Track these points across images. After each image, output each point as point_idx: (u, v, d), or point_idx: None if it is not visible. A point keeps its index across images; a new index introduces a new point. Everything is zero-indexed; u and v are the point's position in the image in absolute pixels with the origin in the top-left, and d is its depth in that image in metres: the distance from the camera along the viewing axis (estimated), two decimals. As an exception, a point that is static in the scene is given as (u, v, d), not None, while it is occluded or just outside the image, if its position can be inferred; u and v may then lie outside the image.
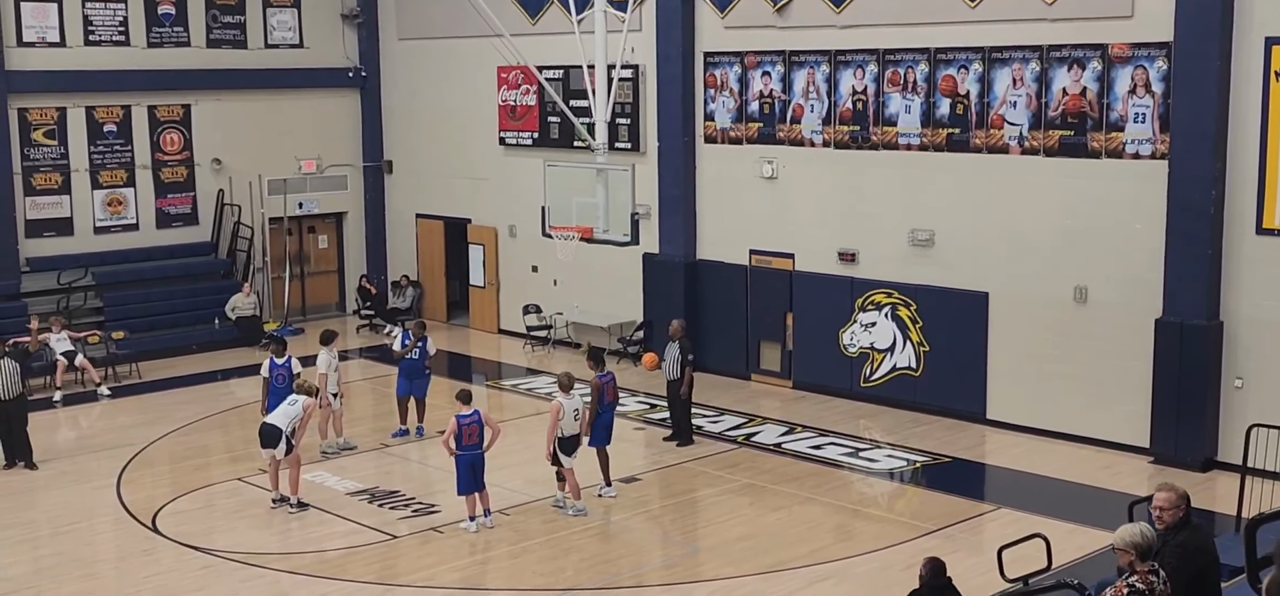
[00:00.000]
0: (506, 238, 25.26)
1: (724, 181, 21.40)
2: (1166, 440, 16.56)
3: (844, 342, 20.01)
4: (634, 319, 22.90)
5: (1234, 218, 16.05)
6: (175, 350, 23.77)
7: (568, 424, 14.94)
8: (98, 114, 24.32)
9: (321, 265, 27.74)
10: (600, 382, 15.76)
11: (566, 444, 14.98)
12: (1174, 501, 8.90)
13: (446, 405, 16.24)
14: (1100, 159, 17.07)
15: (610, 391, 15.87)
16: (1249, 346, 16.14)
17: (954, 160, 18.51)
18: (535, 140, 24.14)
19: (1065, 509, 14.83)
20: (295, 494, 15.34)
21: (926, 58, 18.66)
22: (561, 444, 14.95)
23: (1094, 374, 17.37)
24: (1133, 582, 8.21)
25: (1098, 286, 17.27)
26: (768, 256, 21.00)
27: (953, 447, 17.61)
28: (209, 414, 20.01)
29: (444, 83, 25.92)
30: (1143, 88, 16.61)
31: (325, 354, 17.47)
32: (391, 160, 27.50)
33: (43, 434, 17.97)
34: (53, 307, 22.89)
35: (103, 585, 13.47)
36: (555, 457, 15.02)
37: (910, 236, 19.09)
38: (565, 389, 15.08)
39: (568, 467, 15.03)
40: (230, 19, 25.59)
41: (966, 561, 12.82)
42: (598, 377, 15.79)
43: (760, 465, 17.05)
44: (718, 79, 21.24)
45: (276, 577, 13.46)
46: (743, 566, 13.50)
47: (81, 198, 24.23)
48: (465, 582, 13.30)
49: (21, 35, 23.34)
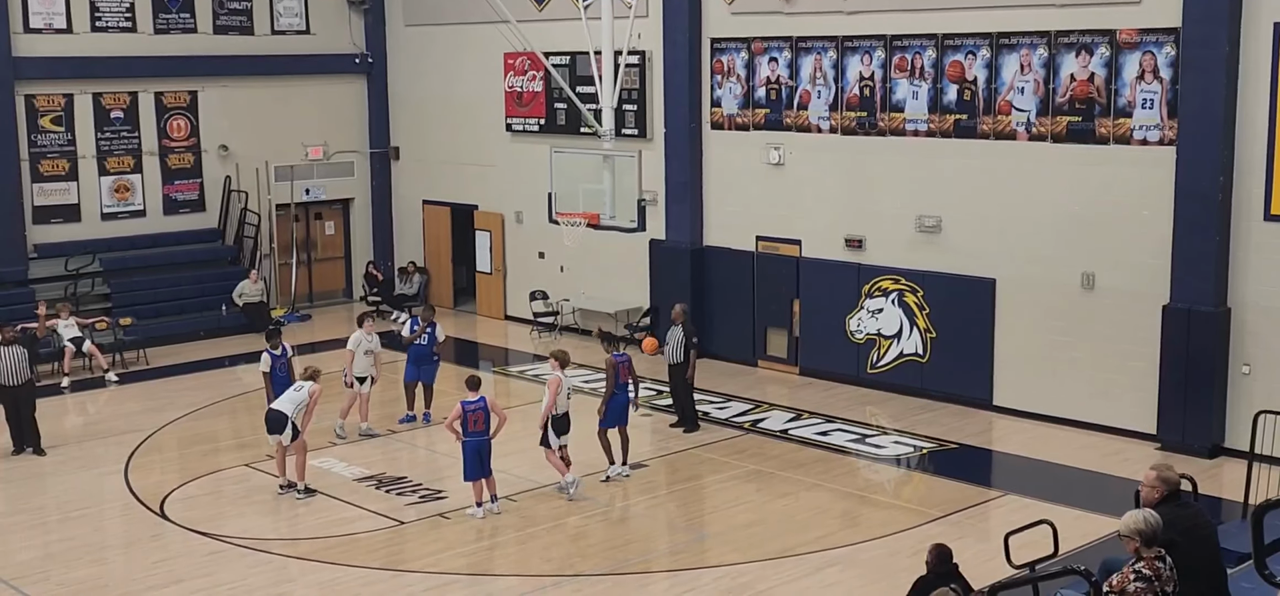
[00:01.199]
0: (513, 224, 25.26)
1: (731, 168, 21.38)
2: (1174, 426, 16.54)
3: (851, 329, 20.00)
4: (641, 305, 22.90)
5: (1242, 204, 16.01)
6: (182, 336, 23.81)
7: (562, 401, 14.92)
8: (104, 100, 24.34)
9: (328, 252, 27.77)
10: (616, 362, 15.68)
11: (560, 423, 14.95)
12: (1152, 481, 9.22)
13: (456, 391, 16.25)
14: (1108, 145, 17.04)
15: (624, 372, 15.72)
16: (1257, 333, 16.12)
17: (961, 146, 18.48)
18: (542, 126, 24.13)
19: (1072, 495, 14.82)
20: (302, 480, 15.37)
21: (934, 44, 18.63)
22: (555, 422, 14.92)
23: (1101, 360, 17.36)
24: (1139, 568, 8.21)
25: (1105, 273, 17.25)
26: (774, 243, 20.99)
27: (959, 434, 17.61)
28: (216, 400, 20.05)
29: (451, 69, 25.91)
30: (1151, 74, 16.57)
31: (356, 333, 17.59)
32: (398, 147, 27.51)
33: (51, 420, 18.01)
34: (60, 294, 22.93)
35: (111, 571, 13.52)
36: (545, 439, 14.95)
37: (917, 223, 19.07)
38: (563, 365, 15.05)
39: (561, 446, 14.99)
40: (237, 5, 25.59)
41: (973, 547, 12.84)
42: (613, 357, 15.72)
43: (767, 451, 17.06)
44: (724, 65, 21.21)
45: (284, 563, 13.50)
46: (749, 552, 13.51)
47: (88, 184, 24.27)
48: (472, 568, 13.32)
49: (28, 21, 23.36)
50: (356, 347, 17.46)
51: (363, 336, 17.57)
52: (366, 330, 17.66)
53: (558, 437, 14.95)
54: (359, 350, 17.46)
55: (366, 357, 17.50)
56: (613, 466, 15.75)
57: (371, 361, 17.61)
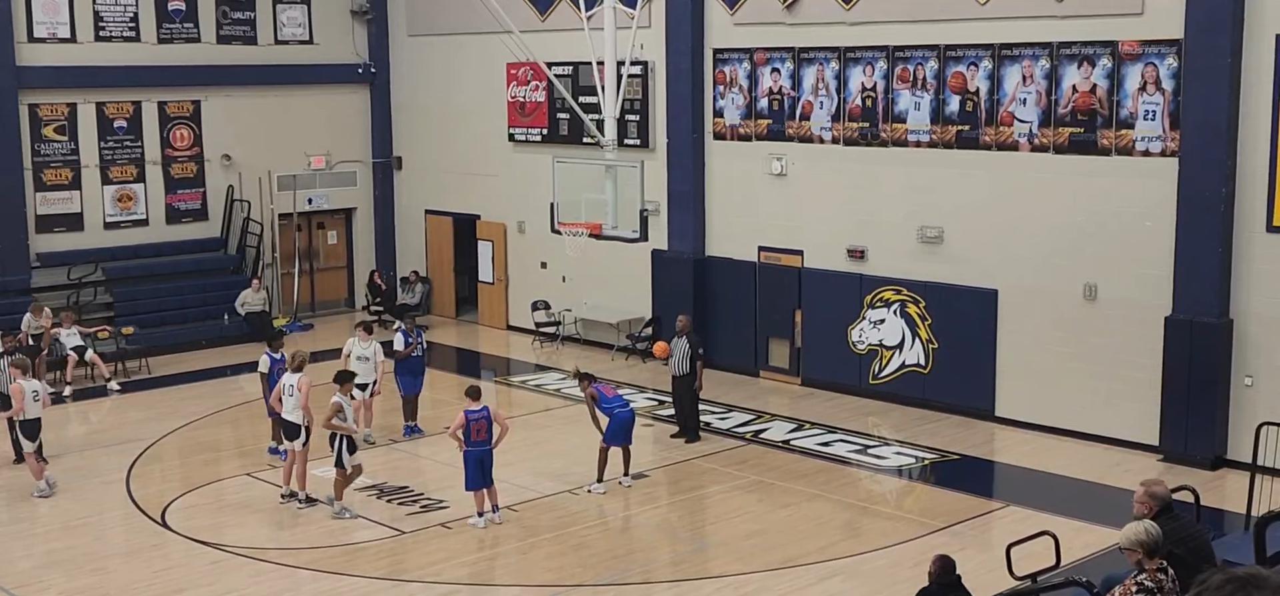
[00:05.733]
0: (515, 234, 25.27)
1: (733, 178, 21.38)
2: (1176, 438, 16.52)
3: (853, 339, 20.00)
4: (643, 315, 22.90)
5: (1244, 215, 16.01)
6: (185, 345, 23.83)
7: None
8: (108, 110, 24.37)
9: (331, 261, 27.78)
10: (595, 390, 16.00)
11: None
12: (1141, 497, 9.45)
13: (456, 401, 16.25)
14: (1110, 156, 17.04)
15: (608, 390, 16.26)
16: (1259, 344, 16.10)
17: (963, 157, 18.48)
18: (544, 136, 24.15)
19: (1074, 506, 14.81)
20: (304, 488, 15.36)
21: (936, 55, 18.64)
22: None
23: (1103, 371, 17.34)
24: (1141, 580, 8.21)
25: (1107, 283, 17.24)
26: (777, 253, 21.00)
27: (961, 445, 17.59)
28: (218, 409, 20.05)
29: (453, 79, 25.94)
30: (1153, 85, 16.57)
31: (350, 341, 17.70)
32: (401, 156, 27.53)
33: (53, 429, 17.96)
34: (63, 302, 22.94)
35: (113, 579, 13.50)
36: None
37: (919, 233, 19.06)
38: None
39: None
40: (240, 15, 25.63)
41: (975, 558, 12.80)
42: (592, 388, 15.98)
43: (769, 462, 17.05)
44: (727, 75, 21.23)
45: (285, 572, 13.48)
46: (751, 563, 13.50)
47: (92, 193, 24.29)
48: (473, 578, 13.32)
49: (32, 31, 23.40)
50: (350, 352, 17.52)
51: (355, 343, 17.61)
52: (359, 337, 17.69)
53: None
54: (351, 356, 17.50)
55: (361, 364, 17.49)
56: (598, 484, 15.75)
57: (370, 368, 17.59)
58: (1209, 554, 9.24)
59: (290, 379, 15.44)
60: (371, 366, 17.58)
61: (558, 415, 16.66)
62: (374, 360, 17.63)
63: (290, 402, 15.33)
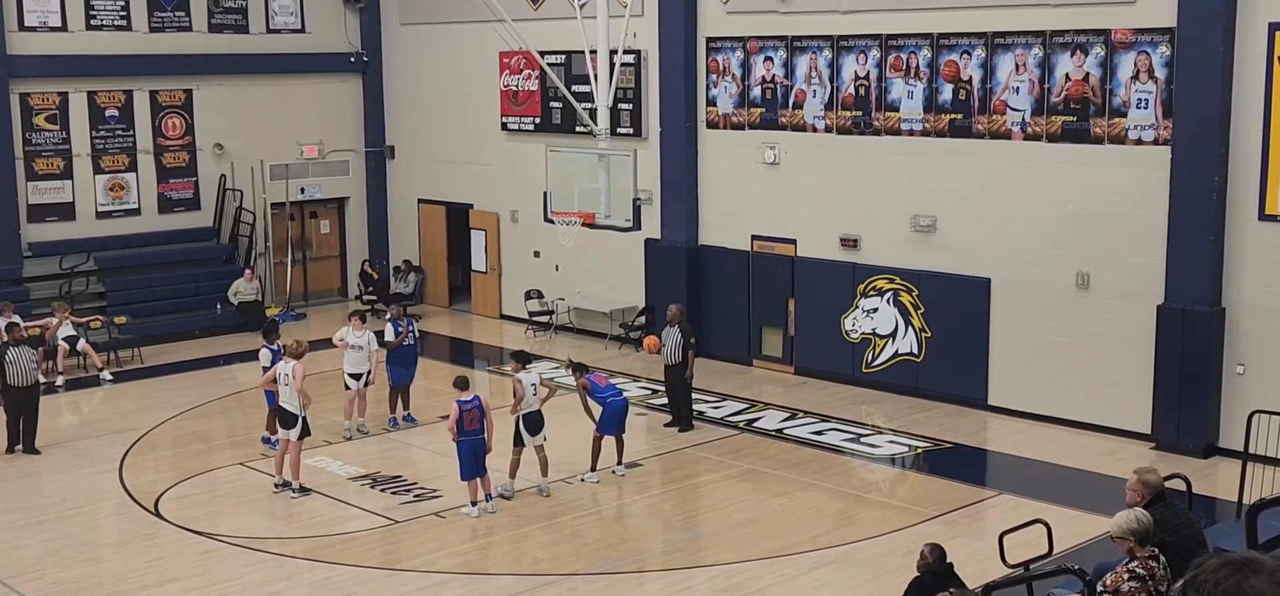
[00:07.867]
0: (508, 223, 25.25)
1: (726, 167, 21.38)
2: (1168, 426, 16.56)
3: (846, 328, 20.01)
4: (636, 304, 22.90)
5: (1236, 204, 16.03)
6: (177, 335, 23.79)
7: (529, 401, 14.99)
8: (99, 99, 24.31)
9: (323, 250, 27.74)
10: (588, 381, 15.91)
11: (530, 421, 15.02)
12: (1134, 484, 9.56)
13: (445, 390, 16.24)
14: (1103, 145, 17.05)
15: (600, 379, 16.05)
16: (1251, 333, 16.13)
17: (956, 146, 18.49)
18: (537, 125, 24.12)
19: (1067, 494, 14.84)
20: (297, 479, 15.35)
21: (929, 43, 18.63)
22: (526, 421, 14.98)
23: (1096, 360, 17.37)
24: (1133, 567, 8.23)
25: (1100, 272, 17.26)
26: (770, 242, 20.99)
27: (954, 433, 17.62)
28: (211, 399, 20.03)
29: (446, 68, 25.89)
30: (1146, 73, 16.58)
31: (344, 328, 17.67)
32: (393, 145, 27.49)
33: (45, 418, 17.95)
34: (55, 292, 22.90)
35: (106, 569, 13.50)
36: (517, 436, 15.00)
37: (912, 222, 19.07)
38: (524, 365, 15.21)
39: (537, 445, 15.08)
40: (232, 4, 25.56)
41: (968, 547, 12.84)
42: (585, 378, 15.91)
43: (762, 451, 17.06)
44: (720, 64, 21.21)
45: (278, 561, 13.48)
46: (744, 552, 13.51)
47: (83, 182, 24.24)
48: (467, 567, 13.32)
49: (23, 20, 23.32)
50: (342, 339, 17.56)
51: (349, 331, 17.61)
52: (353, 326, 17.68)
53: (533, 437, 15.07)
54: (342, 337, 17.54)
55: (356, 354, 17.47)
56: (592, 473, 15.73)
57: (364, 357, 17.57)
58: (1201, 541, 9.29)
59: (285, 367, 15.40)
60: (366, 356, 17.57)
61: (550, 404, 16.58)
62: (368, 349, 17.61)
63: (286, 391, 15.29)
